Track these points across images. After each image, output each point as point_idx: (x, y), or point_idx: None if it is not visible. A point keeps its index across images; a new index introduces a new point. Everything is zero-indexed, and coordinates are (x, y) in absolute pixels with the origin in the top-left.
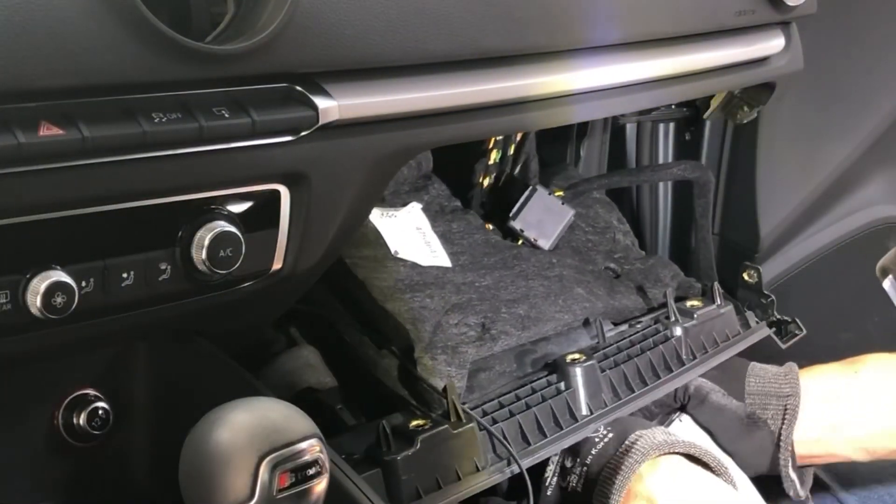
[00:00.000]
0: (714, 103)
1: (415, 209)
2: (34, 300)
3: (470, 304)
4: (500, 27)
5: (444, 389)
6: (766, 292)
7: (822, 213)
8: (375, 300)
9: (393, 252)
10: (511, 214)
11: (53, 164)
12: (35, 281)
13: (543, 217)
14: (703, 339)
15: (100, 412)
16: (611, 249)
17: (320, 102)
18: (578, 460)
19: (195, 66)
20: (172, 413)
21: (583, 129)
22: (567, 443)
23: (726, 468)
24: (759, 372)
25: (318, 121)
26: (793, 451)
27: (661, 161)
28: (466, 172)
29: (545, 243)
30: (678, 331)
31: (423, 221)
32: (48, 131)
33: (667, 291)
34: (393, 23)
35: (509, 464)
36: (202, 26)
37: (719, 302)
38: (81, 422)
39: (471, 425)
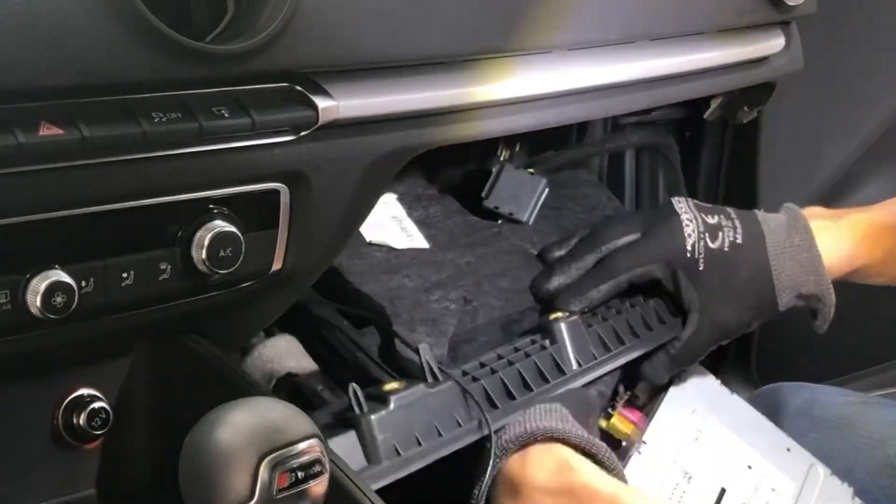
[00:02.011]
0: (714, 103)
1: (390, 200)
2: (34, 300)
3: (450, 280)
4: (500, 27)
5: (417, 351)
6: None
7: None
8: (351, 283)
9: (367, 241)
10: (483, 195)
11: (53, 164)
12: (35, 281)
13: (516, 191)
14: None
15: (100, 412)
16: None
17: (320, 102)
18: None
19: (195, 65)
20: (172, 413)
21: (583, 129)
22: (554, 392)
23: (596, 445)
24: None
25: (318, 120)
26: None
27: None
28: (475, 174)
29: (523, 216)
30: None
31: (399, 210)
32: (48, 131)
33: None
34: (393, 22)
35: (496, 420)
36: (202, 26)
37: None
38: (81, 422)
39: (448, 384)
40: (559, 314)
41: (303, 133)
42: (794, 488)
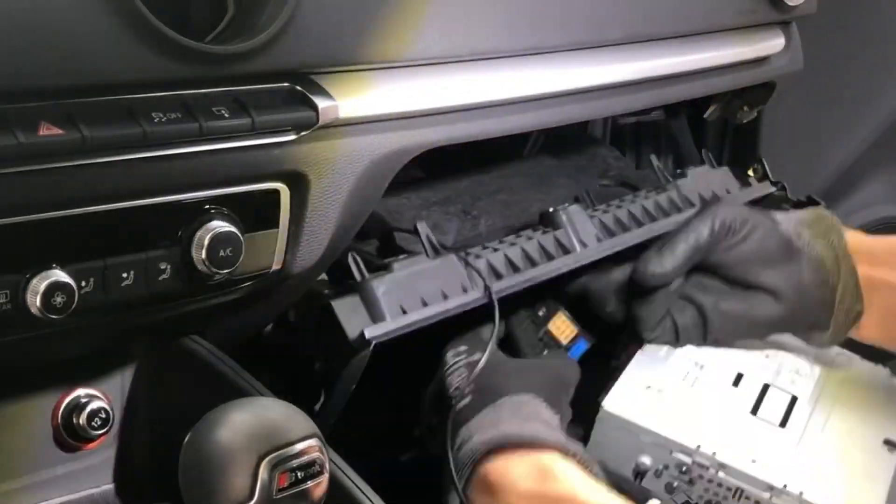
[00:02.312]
0: (714, 103)
1: None
2: (34, 300)
3: (448, 198)
4: (500, 27)
5: (415, 229)
6: (773, 180)
7: None
8: None
9: None
10: None
11: (53, 163)
12: (35, 281)
13: None
14: (701, 193)
15: (100, 412)
16: (605, 169)
17: (320, 102)
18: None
19: (195, 65)
20: (172, 413)
21: (583, 128)
22: (562, 270)
23: (574, 450)
24: (780, 212)
25: (318, 120)
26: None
27: (661, 162)
28: None
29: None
30: (670, 187)
31: None
32: (48, 131)
33: (651, 157)
34: (393, 22)
35: (502, 289)
36: (202, 26)
37: (711, 164)
38: (81, 422)
39: (450, 255)
40: (560, 206)
41: (303, 133)
42: (819, 370)
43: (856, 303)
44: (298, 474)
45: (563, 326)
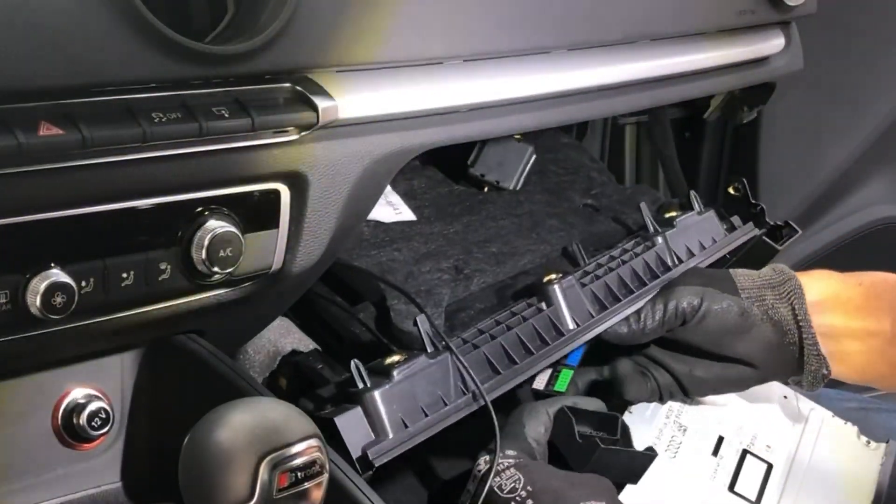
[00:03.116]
0: (714, 103)
1: None
2: (34, 300)
3: (440, 250)
4: (500, 27)
5: (415, 323)
6: (754, 201)
7: (822, 213)
8: (342, 261)
9: None
10: (469, 162)
11: (53, 164)
12: (35, 281)
13: (503, 158)
14: (688, 244)
15: (100, 412)
16: (587, 187)
17: (320, 102)
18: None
19: (195, 65)
20: (172, 413)
21: (583, 129)
22: (555, 357)
23: None
24: (743, 272)
25: (318, 121)
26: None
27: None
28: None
29: (509, 184)
30: (659, 240)
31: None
32: (48, 131)
33: (641, 205)
34: (393, 23)
35: (500, 384)
36: (202, 26)
37: (699, 209)
38: (81, 422)
39: (446, 354)
40: (553, 276)
41: (303, 133)
42: (797, 431)
43: (821, 367)
44: (298, 474)
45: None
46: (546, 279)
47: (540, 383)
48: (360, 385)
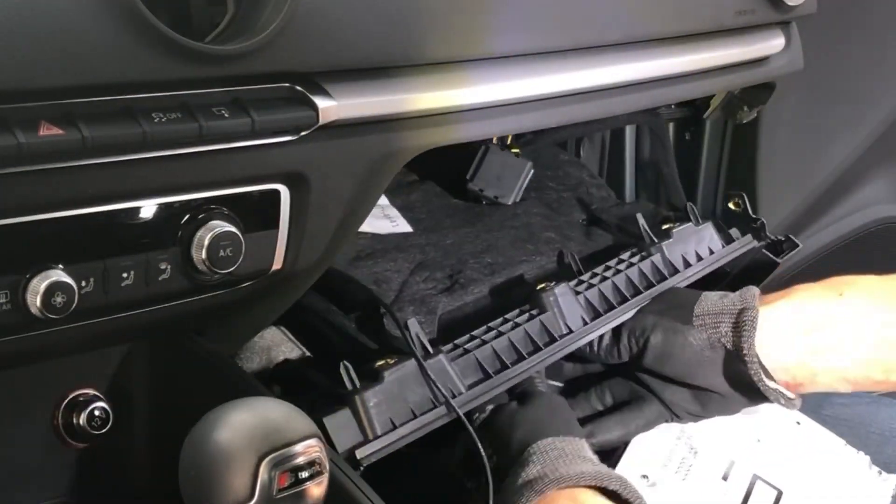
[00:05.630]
0: (714, 103)
1: None
2: (34, 300)
3: (435, 261)
4: (500, 28)
5: (406, 326)
6: (754, 216)
7: (822, 213)
8: (337, 271)
9: None
10: (468, 176)
11: (53, 164)
12: (35, 281)
13: (501, 173)
14: (684, 255)
15: (100, 412)
16: (586, 202)
17: (320, 102)
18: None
19: (195, 66)
20: (172, 413)
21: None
22: (548, 361)
23: (625, 483)
24: (712, 297)
25: (318, 121)
26: (762, 365)
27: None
28: (457, 155)
29: (507, 199)
30: (655, 250)
31: (381, 198)
32: (48, 131)
33: (637, 216)
34: (393, 23)
35: (491, 388)
36: (202, 26)
37: (696, 221)
38: (81, 422)
39: (438, 357)
40: (547, 283)
41: (303, 133)
42: (809, 458)
43: (778, 397)
44: (298, 474)
45: None
46: (540, 286)
47: None
48: (350, 386)
